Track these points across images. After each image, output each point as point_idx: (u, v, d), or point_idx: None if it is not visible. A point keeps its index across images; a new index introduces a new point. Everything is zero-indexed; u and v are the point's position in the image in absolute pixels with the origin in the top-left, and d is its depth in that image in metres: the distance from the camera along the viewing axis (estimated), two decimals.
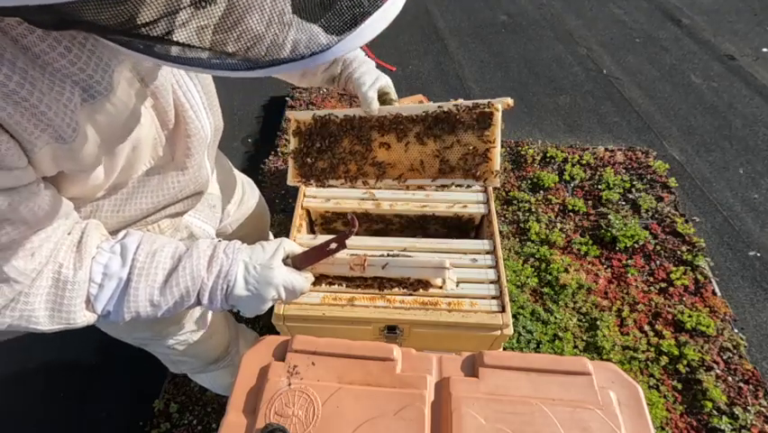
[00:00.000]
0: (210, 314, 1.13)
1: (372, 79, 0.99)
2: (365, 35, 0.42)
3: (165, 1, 0.37)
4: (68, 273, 0.62)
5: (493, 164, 0.95)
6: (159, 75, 0.62)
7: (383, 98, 1.02)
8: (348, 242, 0.83)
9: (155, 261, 0.68)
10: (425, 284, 1.03)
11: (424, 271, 1.00)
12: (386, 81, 1.02)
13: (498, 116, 0.94)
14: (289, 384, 0.74)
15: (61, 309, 0.62)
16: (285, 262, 0.79)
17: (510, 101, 0.94)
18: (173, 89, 0.68)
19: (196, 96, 0.73)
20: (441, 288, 1.01)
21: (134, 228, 0.78)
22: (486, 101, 0.94)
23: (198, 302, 0.72)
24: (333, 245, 0.82)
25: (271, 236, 1.66)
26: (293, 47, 0.44)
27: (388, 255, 1.07)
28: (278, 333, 1.07)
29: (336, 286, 1.06)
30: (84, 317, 0.65)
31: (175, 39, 0.41)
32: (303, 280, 0.80)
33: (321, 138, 1.03)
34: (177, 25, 0.40)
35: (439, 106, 0.97)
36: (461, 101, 0.96)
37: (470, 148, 0.96)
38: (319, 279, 1.04)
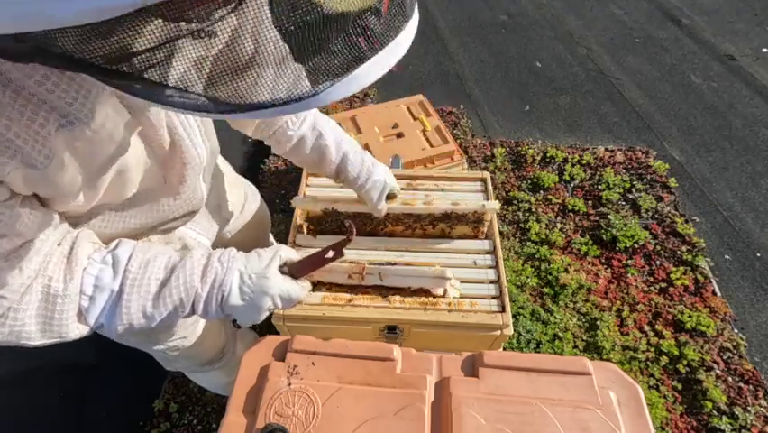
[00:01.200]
0: (200, 322, 1.11)
1: (379, 192, 1.06)
2: (360, 82, 0.40)
3: (146, 38, 0.35)
4: (58, 287, 0.60)
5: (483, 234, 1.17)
6: (137, 103, 0.59)
7: (389, 197, 1.12)
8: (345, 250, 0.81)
9: (148, 271, 0.67)
10: (426, 292, 1.03)
11: (424, 280, 1.00)
12: (391, 186, 1.10)
13: (490, 216, 1.14)
14: (289, 384, 0.74)
15: (52, 323, 0.61)
16: (281, 269, 0.78)
17: (498, 206, 1.12)
18: (168, 117, 0.66)
19: (192, 124, 0.71)
20: (443, 297, 1.02)
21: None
22: (481, 205, 1.11)
23: (193, 312, 0.71)
24: (331, 253, 0.80)
25: (271, 237, 1.66)
26: (280, 90, 0.40)
27: (387, 264, 1.06)
28: (278, 333, 1.07)
29: (336, 288, 1.06)
30: (76, 330, 0.64)
31: (154, 79, 0.38)
32: (299, 289, 0.78)
33: (329, 222, 1.18)
34: (157, 64, 0.37)
35: (442, 212, 1.12)
36: (460, 206, 1.11)
37: (466, 231, 1.17)
38: (317, 285, 1.04)
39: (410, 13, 0.45)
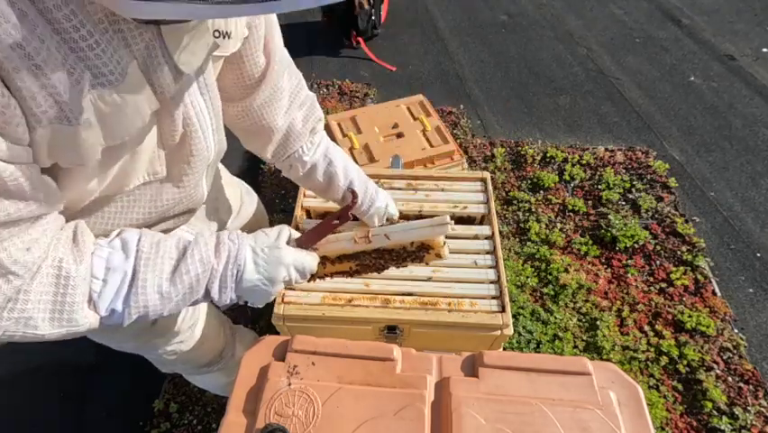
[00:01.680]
0: (200, 324, 1.11)
1: (379, 218, 1.10)
2: None
3: None
4: (69, 268, 0.57)
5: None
6: (168, 83, 0.60)
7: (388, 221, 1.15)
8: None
9: (160, 251, 0.65)
10: (426, 251, 1.06)
11: (427, 230, 1.01)
12: (390, 213, 1.13)
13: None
14: (289, 384, 0.74)
15: (63, 310, 0.57)
16: (288, 245, 0.79)
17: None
18: (186, 107, 0.66)
19: (206, 117, 0.71)
20: (440, 256, 1.06)
21: None
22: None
23: (207, 294, 0.69)
24: (336, 220, 0.84)
25: None
26: None
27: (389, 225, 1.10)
28: (277, 333, 1.07)
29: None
30: (86, 319, 0.60)
31: None
32: (311, 258, 0.80)
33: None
34: None
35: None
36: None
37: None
38: (320, 267, 1.04)
39: None
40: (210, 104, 0.72)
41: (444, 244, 1.08)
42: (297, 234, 0.83)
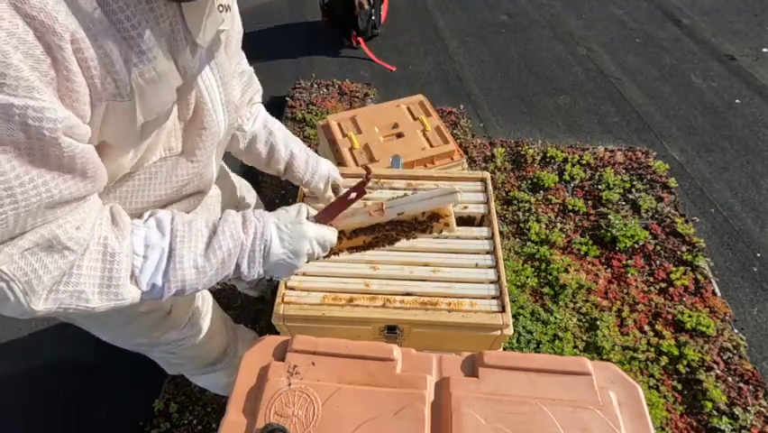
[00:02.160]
0: (209, 317, 1.13)
1: (324, 183, 1.17)
2: None
3: None
4: (114, 245, 0.61)
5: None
6: (188, 59, 0.63)
7: (334, 188, 1.22)
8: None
9: (193, 229, 0.69)
10: (436, 220, 1.12)
11: (438, 200, 1.05)
12: (334, 178, 1.20)
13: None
14: (289, 384, 0.74)
15: (110, 284, 0.61)
16: (307, 220, 0.83)
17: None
18: (197, 82, 0.70)
19: (215, 92, 0.75)
20: (448, 225, 1.11)
21: None
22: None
23: (237, 269, 0.73)
24: (353, 195, 0.87)
25: None
26: None
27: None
28: (277, 333, 1.07)
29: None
30: (129, 293, 0.64)
31: None
32: (330, 232, 0.84)
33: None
34: None
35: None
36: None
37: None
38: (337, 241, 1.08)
39: None
40: (219, 79, 0.75)
41: (452, 213, 1.14)
42: (314, 212, 0.87)
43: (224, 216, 0.73)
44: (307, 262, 0.82)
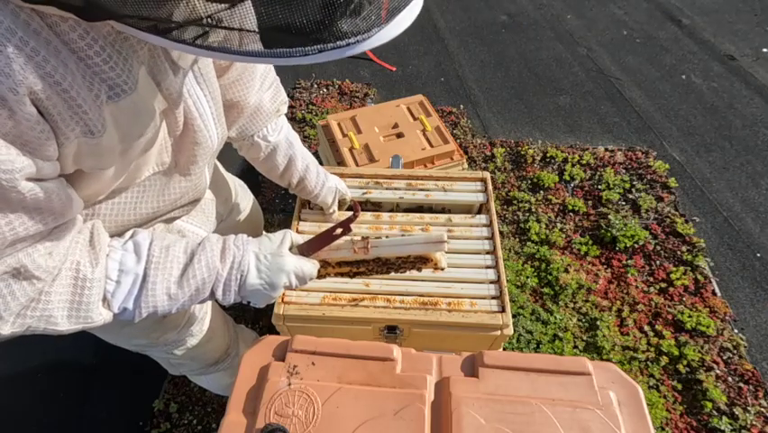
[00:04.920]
0: (208, 318, 1.13)
1: (332, 197, 1.17)
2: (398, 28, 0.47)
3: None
4: (86, 271, 0.61)
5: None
6: (172, 81, 0.62)
7: (341, 203, 1.23)
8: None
9: (170, 255, 0.69)
10: (424, 262, 1.08)
11: (425, 246, 1.03)
12: (342, 192, 1.20)
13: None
14: (289, 384, 0.74)
15: (80, 308, 0.62)
16: (290, 251, 0.82)
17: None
18: (185, 99, 0.69)
19: (205, 106, 0.74)
20: (438, 267, 1.06)
21: None
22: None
23: (212, 294, 0.73)
24: (339, 230, 0.86)
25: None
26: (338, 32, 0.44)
27: (387, 237, 1.11)
28: (278, 333, 1.07)
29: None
30: (100, 316, 0.64)
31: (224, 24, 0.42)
32: (311, 265, 0.83)
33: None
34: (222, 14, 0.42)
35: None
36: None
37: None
38: (321, 269, 1.06)
39: None
40: (208, 93, 0.74)
41: (441, 258, 1.09)
42: (300, 239, 0.86)
43: (202, 244, 0.73)
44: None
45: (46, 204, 0.53)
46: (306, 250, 0.85)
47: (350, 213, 0.92)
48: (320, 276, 1.07)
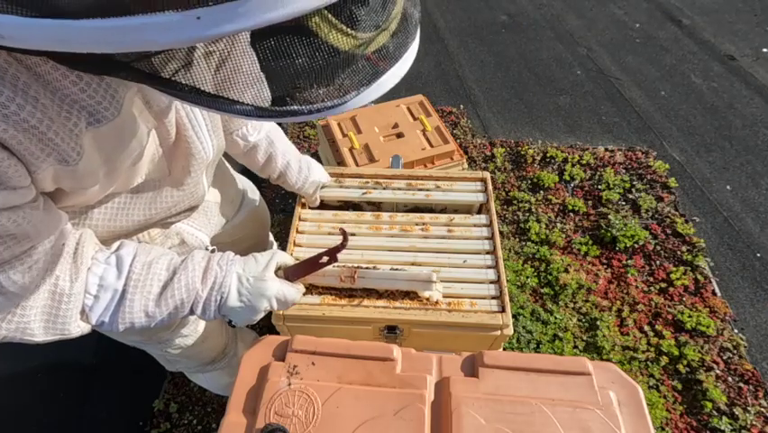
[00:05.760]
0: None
1: (314, 189, 1.20)
2: (380, 90, 0.47)
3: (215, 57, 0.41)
4: (64, 285, 0.62)
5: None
6: (163, 99, 0.62)
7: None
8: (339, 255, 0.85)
9: (151, 272, 0.69)
10: (411, 297, 1.05)
11: (412, 284, 1.01)
12: (324, 181, 1.22)
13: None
14: (289, 384, 0.74)
15: (56, 321, 0.62)
16: (277, 273, 0.81)
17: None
18: (177, 112, 0.69)
19: (198, 117, 0.73)
20: (428, 300, 1.03)
21: (124, 237, 0.78)
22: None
23: (191, 312, 0.73)
24: (325, 259, 0.84)
25: (271, 237, 1.66)
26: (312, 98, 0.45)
27: (375, 268, 1.07)
28: (277, 333, 1.07)
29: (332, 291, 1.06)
30: (78, 328, 0.65)
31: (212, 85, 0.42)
32: (295, 291, 0.82)
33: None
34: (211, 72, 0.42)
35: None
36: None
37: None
38: (310, 288, 1.05)
39: (414, 32, 0.53)
40: None
41: (431, 296, 1.04)
42: (290, 261, 0.85)
43: (185, 262, 0.72)
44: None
45: (19, 230, 0.53)
46: (292, 274, 0.84)
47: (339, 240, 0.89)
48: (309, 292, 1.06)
